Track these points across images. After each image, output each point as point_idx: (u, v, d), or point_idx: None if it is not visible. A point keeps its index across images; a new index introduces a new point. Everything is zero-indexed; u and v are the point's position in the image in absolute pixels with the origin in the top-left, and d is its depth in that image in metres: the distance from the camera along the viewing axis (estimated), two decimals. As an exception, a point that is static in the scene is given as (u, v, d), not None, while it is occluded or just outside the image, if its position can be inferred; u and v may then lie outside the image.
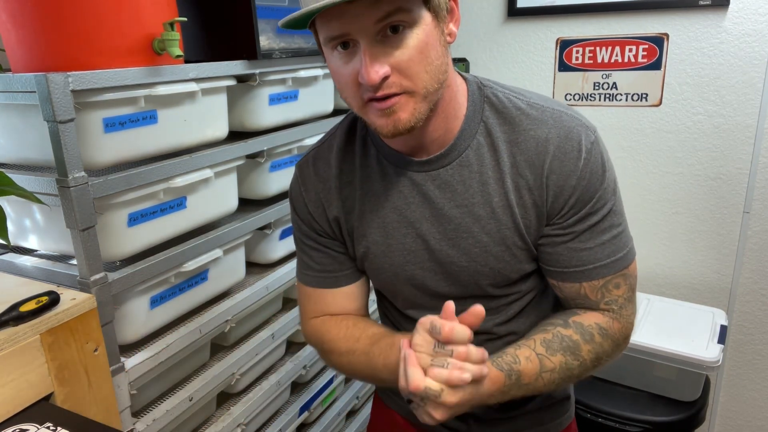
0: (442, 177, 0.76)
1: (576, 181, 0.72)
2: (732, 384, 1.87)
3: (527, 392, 0.74)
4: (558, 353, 0.74)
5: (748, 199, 1.69)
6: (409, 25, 0.63)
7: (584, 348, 0.75)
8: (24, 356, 0.77)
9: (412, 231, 0.79)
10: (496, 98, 0.76)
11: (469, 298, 0.82)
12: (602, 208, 0.74)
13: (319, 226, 0.85)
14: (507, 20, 1.90)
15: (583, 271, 0.76)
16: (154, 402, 1.06)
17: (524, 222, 0.75)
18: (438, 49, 0.66)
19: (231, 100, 1.19)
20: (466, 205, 0.76)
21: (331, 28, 0.64)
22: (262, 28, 1.16)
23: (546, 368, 0.73)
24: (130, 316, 0.98)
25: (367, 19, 0.61)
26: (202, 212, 1.11)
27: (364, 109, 0.68)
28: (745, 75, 1.62)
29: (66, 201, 0.85)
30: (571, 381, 0.78)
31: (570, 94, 1.87)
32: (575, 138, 0.73)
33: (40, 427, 0.72)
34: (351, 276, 0.87)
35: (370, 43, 0.63)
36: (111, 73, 0.88)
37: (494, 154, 0.75)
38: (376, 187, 0.80)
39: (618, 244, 0.76)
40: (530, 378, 0.73)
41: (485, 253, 0.77)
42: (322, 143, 0.85)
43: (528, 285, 0.82)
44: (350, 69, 0.65)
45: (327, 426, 1.52)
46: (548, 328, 0.77)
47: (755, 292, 1.75)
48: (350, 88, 0.67)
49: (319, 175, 0.83)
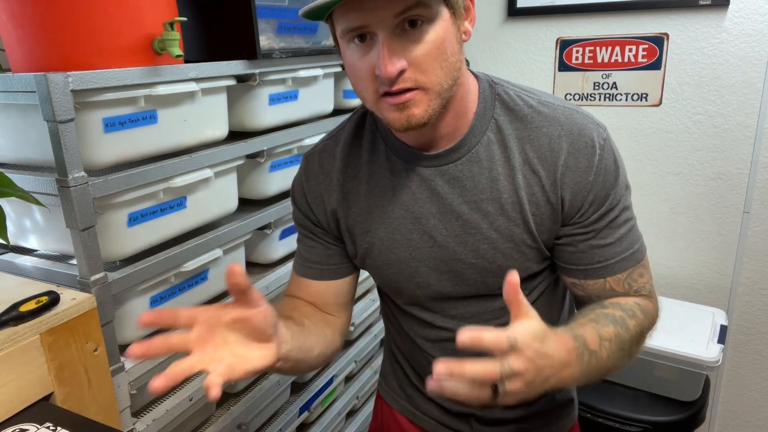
0: (452, 172, 0.76)
1: (593, 177, 0.73)
2: (732, 384, 1.87)
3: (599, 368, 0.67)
4: (609, 325, 0.70)
5: (748, 199, 1.69)
6: (427, 20, 0.63)
7: (630, 322, 0.73)
8: (24, 356, 0.77)
9: (419, 227, 0.79)
10: (507, 96, 0.76)
11: (473, 298, 0.82)
12: (618, 204, 0.75)
13: (314, 216, 0.86)
14: (507, 20, 1.90)
15: (607, 266, 0.76)
16: (154, 402, 1.06)
17: (535, 219, 0.75)
18: (454, 46, 0.67)
19: (231, 100, 1.19)
20: (475, 201, 0.76)
21: (350, 20, 0.64)
22: (262, 28, 1.16)
23: (604, 336, 0.68)
24: (130, 316, 0.98)
25: (386, 12, 0.61)
26: (202, 212, 1.11)
27: (377, 104, 0.68)
28: (745, 75, 1.62)
29: (66, 201, 0.85)
30: (625, 358, 0.72)
31: (570, 94, 1.87)
32: (588, 135, 0.73)
33: (40, 427, 0.72)
34: (336, 272, 0.87)
35: (389, 36, 0.63)
36: (111, 73, 0.88)
37: (504, 151, 0.75)
38: (383, 182, 0.80)
39: (633, 236, 0.77)
40: (594, 344, 0.66)
41: (493, 250, 0.77)
42: (331, 136, 0.86)
43: (534, 284, 0.82)
44: (367, 62, 0.65)
45: (327, 426, 1.52)
46: (588, 314, 0.73)
47: (755, 292, 1.75)
48: (365, 81, 0.67)
49: (323, 167, 0.84)
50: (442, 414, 0.93)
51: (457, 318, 0.83)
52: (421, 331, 0.87)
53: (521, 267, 0.78)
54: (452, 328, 0.83)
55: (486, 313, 0.82)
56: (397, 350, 0.97)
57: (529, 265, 0.78)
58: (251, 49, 1.15)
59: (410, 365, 0.95)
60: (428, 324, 0.86)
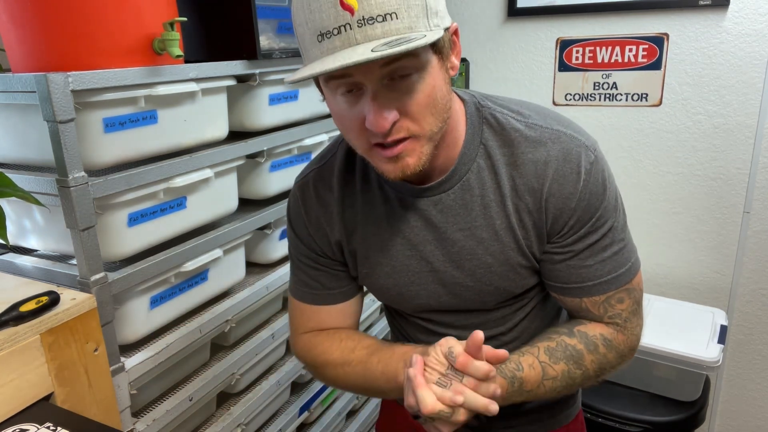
0: (444, 201, 0.76)
1: (575, 203, 0.72)
2: (732, 384, 1.87)
3: (528, 398, 0.75)
4: (561, 362, 0.74)
5: (748, 199, 1.69)
6: (416, 70, 0.61)
7: (588, 358, 0.75)
8: (24, 356, 0.77)
9: (416, 253, 0.79)
10: (494, 119, 0.75)
11: (474, 312, 0.83)
12: (602, 227, 0.74)
13: (318, 247, 0.84)
14: (507, 20, 1.90)
15: (582, 287, 0.76)
16: (154, 402, 1.06)
17: (526, 243, 0.75)
18: (443, 89, 0.65)
19: (231, 100, 1.19)
20: (469, 228, 0.76)
21: (336, 76, 0.61)
22: (262, 28, 1.15)
23: (548, 376, 0.74)
24: (130, 316, 0.98)
25: (373, 65, 0.59)
26: (202, 212, 1.11)
27: (369, 153, 0.67)
28: (745, 75, 1.62)
29: (66, 201, 0.85)
30: (573, 389, 0.78)
31: (570, 94, 1.87)
32: (574, 160, 0.72)
33: (40, 427, 0.72)
34: (347, 293, 0.87)
35: (377, 89, 0.61)
36: (111, 73, 0.88)
37: (494, 177, 0.74)
38: (378, 211, 0.80)
39: (619, 260, 0.75)
40: (532, 385, 0.73)
41: (490, 274, 0.77)
42: (322, 164, 0.84)
43: (531, 294, 0.83)
44: (356, 113, 0.63)
45: (327, 426, 1.52)
46: (553, 336, 0.77)
47: (755, 292, 1.75)
48: (355, 131, 0.65)
49: (320, 198, 0.82)
50: None
51: (459, 327, 0.85)
52: (424, 338, 0.88)
53: (518, 285, 0.79)
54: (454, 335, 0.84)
55: (488, 322, 0.84)
56: None
57: (524, 283, 0.79)
58: (251, 49, 1.15)
59: None
60: (431, 331, 0.87)
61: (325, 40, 0.58)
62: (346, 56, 0.56)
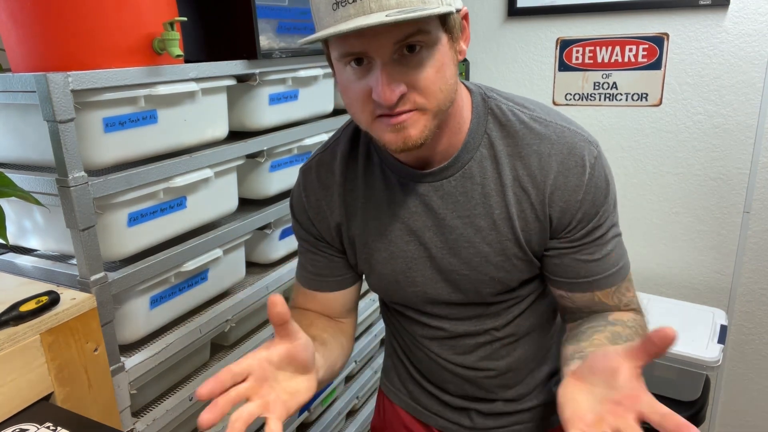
0: (445, 188, 0.76)
1: (582, 195, 0.73)
2: (732, 384, 1.87)
3: None
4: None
5: (748, 199, 1.69)
6: (427, 46, 0.62)
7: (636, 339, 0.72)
8: (24, 356, 0.77)
9: (415, 239, 0.79)
10: (500, 111, 0.76)
11: (469, 305, 0.83)
12: (606, 221, 0.75)
13: (317, 231, 0.85)
14: (507, 20, 1.90)
15: (592, 281, 0.76)
16: (154, 402, 1.06)
17: (524, 235, 0.76)
18: (452, 68, 0.66)
19: (231, 100, 1.19)
20: (468, 216, 0.76)
21: (348, 46, 0.62)
22: (262, 28, 1.16)
23: None
24: (130, 316, 0.98)
25: (386, 40, 0.60)
26: (202, 212, 1.11)
27: (373, 125, 0.67)
28: (745, 75, 1.62)
29: (66, 201, 0.85)
30: None
31: (570, 94, 1.87)
32: (578, 153, 0.73)
33: (40, 427, 0.72)
34: (342, 282, 0.88)
35: (387, 62, 0.62)
36: (111, 73, 0.88)
37: (496, 167, 0.75)
38: (378, 195, 0.80)
39: (620, 252, 0.78)
40: None
41: (486, 263, 0.77)
42: (325, 149, 0.85)
43: (527, 290, 0.83)
44: (363, 84, 0.64)
45: (327, 426, 1.52)
46: (603, 330, 0.72)
47: (755, 292, 1.75)
48: (360, 102, 0.66)
49: (321, 181, 0.83)
50: (442, 408, 0.94)
51: (453, 319, 0.85)
52: (419, 330, 0.88)
53: (513, 278, 0.79)
54: (449, 328, 0.85)
55: (482, 316, 0.84)
56: (397, 346, 0.98)
57: (520, 275, 0.79)
58: (251, 49, 1.15)
59: (410, 361, 0.96)
60: (425, 324, 0.87)
61: (339, 8, 0.59)
62: (360, 22, 0.57)
